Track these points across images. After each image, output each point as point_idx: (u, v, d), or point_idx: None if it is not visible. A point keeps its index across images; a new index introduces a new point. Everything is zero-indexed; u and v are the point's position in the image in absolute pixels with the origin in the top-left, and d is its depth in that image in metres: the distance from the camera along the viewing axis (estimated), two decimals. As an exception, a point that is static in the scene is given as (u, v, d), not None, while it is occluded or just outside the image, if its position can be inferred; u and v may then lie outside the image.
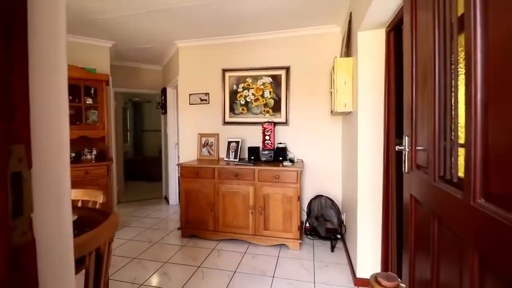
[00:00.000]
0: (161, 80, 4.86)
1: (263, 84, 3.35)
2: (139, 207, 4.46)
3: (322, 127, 3.19)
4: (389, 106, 1.98)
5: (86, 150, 3.32)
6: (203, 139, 3.54)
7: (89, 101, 3.23)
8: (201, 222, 2.99)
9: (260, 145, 3.26)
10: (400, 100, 1.74)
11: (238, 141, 3.31)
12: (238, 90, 3.43)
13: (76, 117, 3.21)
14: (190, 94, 3.63)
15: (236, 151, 3.27)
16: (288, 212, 2.72)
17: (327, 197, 2.97)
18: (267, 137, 3.15)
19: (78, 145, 3.44)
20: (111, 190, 3.66)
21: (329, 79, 3.03)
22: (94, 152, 3.33)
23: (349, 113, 2.49)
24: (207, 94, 3.56)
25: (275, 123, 3.25)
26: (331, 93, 2.73)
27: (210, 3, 2.56)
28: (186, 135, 3.69)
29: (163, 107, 4.67)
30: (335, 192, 3.16)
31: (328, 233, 2.89)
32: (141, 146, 8.03)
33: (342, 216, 2.89)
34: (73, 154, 3.25)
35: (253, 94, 3.38)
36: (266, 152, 3.07)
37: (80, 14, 2.79)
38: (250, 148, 3.20)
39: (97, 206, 1.78)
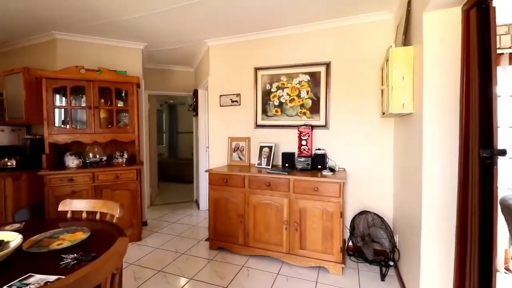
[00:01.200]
0: (193, 82, 4.76)
1: (300, 82, 3.00)
2: (170, 211, 4.38)
3: (368, 131, 2.74)
4: (467, 106, 1.52)
5: (117, 153, 3.28)
6: (234, 143, 3.30)
7: (120, 104, 3.18)
8: (230, 235, 2.75)
9: (295, 150, 2.92)
10: (486, 99, 1.29)
11: (271, 146, 3.01)
12: (272, 90, 3.13)
13: (108, 121, 3.19)
14: (220, 95, 3.42)
15: (268, 157, 2.97)
16: (329, 230, 2.34)
17: (375, 214, 2.52)
18: (303, 142, 2.80)
19: (110, 149, 3.44)
20: (142, 194, 3.60)
21: (379, 75, 2.58)
22: (125, 155, 3.28)
23: (408, 115, 2.04)
24: (238, 95, 3.32)
25: (312, 126, 2.88)
26: (383, 91, 2.29)
27: (241, -6, 2.30)
28: (216, 138, 3.49)
29: (195, 109, 4.55)
30: (385, 208, 2.69)
31: (376, 256, 2.44)
32: (176, 148, 8.14)
33: (395, 238, 2.43)
34: (105, 158, 3.24)
35: (288, 94, 3.05)
36: (303, 159, 2.72)
37: (111, 16, 2.72)
38: (284, 154, 2.87)
39: (114, 220, 1.60)
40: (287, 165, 2.83)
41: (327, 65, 2.87)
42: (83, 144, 3.15)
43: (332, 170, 2.63)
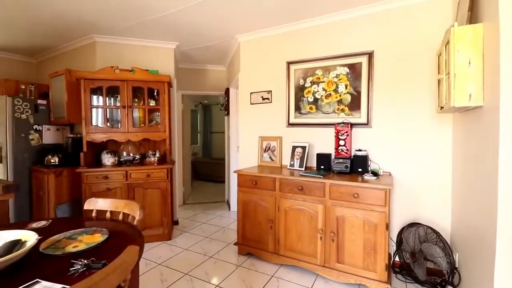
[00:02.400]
0: (226, 81, 4.69)
1: (337, 76, 2.71)
2: (202, 211, 4.36)
3: (420, 129, 2.36)
4: None
5: (150, 152, 3.31)
6: (265, 143, 3.12)
7: (152, 103, 3.20)
8: (259, 241, 2.57)
9: (332, 151, 2.64)
10: None
11: (305, 146, 2.76)
12: (306, 85, 2.88)
13: (141, 120, 3.23)
14: (251, 93, 3.26)
15: (302, 158, 2.73)
16: (371, 243, 2.03)
17: (428, 227, 2.14)
18: (341, 142, 2.51)
19: (143, 147, 3.49)
20: (173, 193, 3.60)
21: (435, 63, 2.19)
22: (157, 154, 3.29)
23: (475, 109, 1.66)
24: (269, 92, 3.13)
25: (352, 125, 2.57)
26: (440, 81, 1.92)
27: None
28: (246, 138, 3.34)
29: (226, 108, 4.47)
30: (440, 221, 2.28)
31: (429, 277, 2.07)
32: (210, 148, 8.23)
33: (454, 257, 2.03)
34: (138, 156, 3.28)
35: (323, 89, 2.78)
36: (340, 160, 2.43)
37: (142, 15, 2.72)
38: (319, 155, 2.61)
39: (135, 223, 1.52)
40: (322, 167, 2.57)
41: (370, 55, 2.55)
42: (118, 142, 3.23)
43: (375, 174, 2.30)
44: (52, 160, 3.13)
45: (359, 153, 2.44)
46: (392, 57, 2.45)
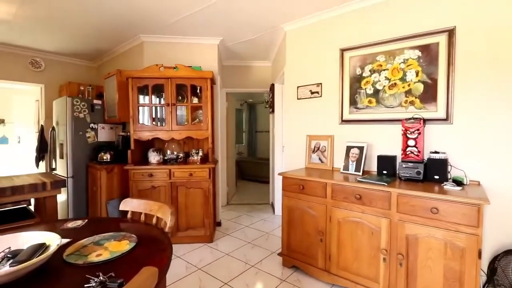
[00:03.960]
0: (271, 77, 4.45)
1: (405, 61, 2.23)
2: (245, 213, 4.19)
3: (527, 126, 1.77)
4: None
5: (193, 151, 3.24)
6: (313, 143, 2.78)
7: (195, 100, 3.11)
8: (307, 254, 2.25)
9: (398, 153, 2.18)
10: None
11: (362, 147, 2.35)
12: (363, 75, 2.46)
13: (184, 118, 3.17)
14: (298, 87, 2.94)
15: (358, 161, 2.33)
16: (455, 273, 1.56)
17: (543, 258, 1.57)
18: (411, 142, 2.04)
19: (187, 146, 3.44)
20: (216, 193, 3.48)
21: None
22: (200, 153, 3.20)
23: None
24: (319, 84, 2.77)
25: (425, 120, 2.08)
26: None
27: None
28: (292, 136, 3.03)
29: (271, 105, 4.22)
30: (560, 249, 1.67)
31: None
32: (255, 147, 8.10)
33: None
34: (181, 155, 3.23)
35: (386, 78, 2.33)
36: (410, 165, 1.97)
37: (186, 8, 2.63)
38: (380, 158, 2.18)
39: (167, 229, 1.36)
40: (385, 172, 2.13)
41: (450, 32, 2.02)
42: (163, 140, 3.23)
43: (458, 183, 1.79)
44: (105, 157, 3.27)
45: (435, 156, 1.94)
46: (482, 33, 1.90)
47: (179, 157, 3.22)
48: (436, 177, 1.89)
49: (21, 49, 3.85)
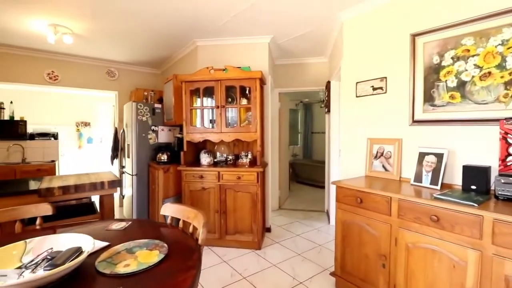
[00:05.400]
0: (327, 74, 4.09)
1: (503, 43, 1.69)
2: (298, 219, 3.94)
3: None
4: None
5: (243, 153, 3.17)
6: (375, 147, 2.38)
7: (244, 102, 3.03)
8: (366, 279, 1.90)
9: (492, 163, 1.67)
10: None
11: (441, 154, 1.88)
12: (443, 63, 1.98)
13: (233, 120, 3.12)
14: (357, 83, 2.58)
15: (435, 172, 1.87)
16: None
17: None
18: (515, 149, 1.52)
19: (237, 148, 3.40)
20: (265, 198, 3.35)
21: None
22: (250, 156, 3.11)
23: None
24: (383, 79, 2.36)
25: (538, 120, 1.53)
26: None
27: None
28: (350, 139, 2.67)
29: (327, 105, 3.87)
30: None
31: None
32: (311, 149, 7.72)
33: None
34: (231, 157, 3.19)
35: (477, 67, 1.81)
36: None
37: (236, 6, 2.56)
38: (468, 169, 1.69)
39: (199, 242, 1.26)
40: (473, 188, 1.65)
41: None
42: (213, 142, 3.24)
43: None
44: (162, 158, 3.46)
45: (557, 169, 1.40)
46: None
47: (229, 159, 3.18)
48: (559, 199, 1.36)
49: (99, 61, 4.40)
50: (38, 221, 1.51)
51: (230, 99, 3.09)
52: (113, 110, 5.25)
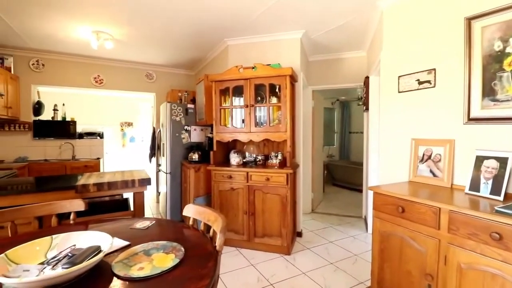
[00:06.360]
0: (365, 69, 3.79)
1: None
2: (332, 225, 3.72)
3: None
4: None
5: (273, 153, 3.06)
6: (421, 149, 2.10)
7: (274, 100, 2.92)
8: (406, 299, 1.67)
9: None
10: None
11: (506, 158, 1.57)
12: (507, 50, 1.65)
13: (263, 119, 3.03)
14: (399, 77, 2.30)
15: (497, 179, 1.56)
16: None
17: None
18: None
19: (267, 148, 3.30)
20: (296, 201, 3.20)
21: None
22: (279, 156, 3.00)
23: None
24: (431, 71, 2.07)
25: None
26: None
27: None
28: (391, 140, 2.40)
29: (365, 102, 3.58)
30: None
31: None
32: (348, 150, 7.30)
33: None
34: (260, 157, 3.11)
35: (557, 52, 1.47)
36: None
37: (264, 1, 2.46)
38: (543, 177, 1.38)
39: (217, 248, 1.19)
40: (552, 200, 1.33)
41: None
42: (242, 142, 3.19)
43: None
44: (193, 157, 3.51)
45: None
46: None
47: (258, 159, 3.10)
48: None
49: (138, 64, 4.65)
50: (71, 216, 1.58)
51: (259, 98, 3.00)
52: (152, 111, 5.53)
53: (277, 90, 2.90)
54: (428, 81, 2.08)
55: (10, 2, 2.53)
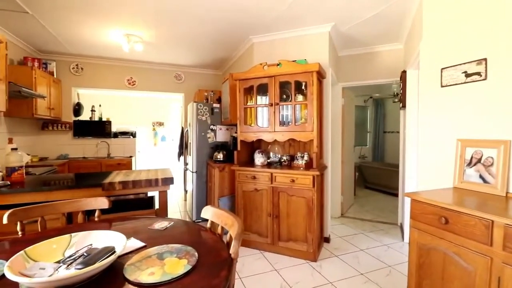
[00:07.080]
0: (402, 62, 3.48)
1: None
2: (363, 231, 3.48)
3: None
4: None
5: (298, 154, 2.93)
6: (469, 151, 1.83)
7: (300, 98, 2.78)
8: (450, 323, 1.45)
9: None
10: None
11: None
12: None
13: (288, 118, 2.91)
14: (442, 69, 2.04)
15: None
16: None
17: None
18: None
19: (293, 148, 3.17)
20: (323, 205, 3.04)
21: None
22: (306, 157, 2.86)
23: None
24: (481, 61, 1.79)
25: None
26: None
27: None
28: (432, 140, 2.14)
29: (401, 99, 3.28)
30: None
31: None
32: (382, 150, 6.84)
33: None
34: (285, 158, 2.99)
35: None
36: None
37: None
38: None
39: (232, 256, 1.12)
40: None
41: None
42: (267, 142, 3.10)
43: None
44: (218, 156, 3.50)
45: None
46: None
47: (283, 160, 2.99)
48: None
49: (167, 66, 4.78)
50: (96, 213, 1.61)
51: (284, 96, 2.89)
52: (181, 111, 5.66)
53: (303, 87, 2.76)
54: (478, 73, 1.81)
55: (52, 11, 2.71)
